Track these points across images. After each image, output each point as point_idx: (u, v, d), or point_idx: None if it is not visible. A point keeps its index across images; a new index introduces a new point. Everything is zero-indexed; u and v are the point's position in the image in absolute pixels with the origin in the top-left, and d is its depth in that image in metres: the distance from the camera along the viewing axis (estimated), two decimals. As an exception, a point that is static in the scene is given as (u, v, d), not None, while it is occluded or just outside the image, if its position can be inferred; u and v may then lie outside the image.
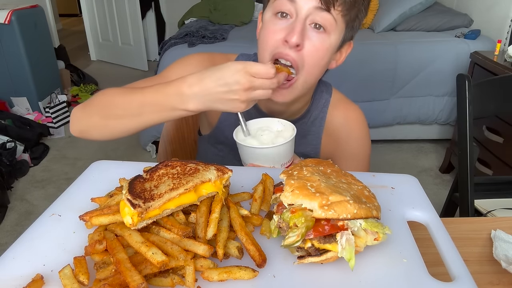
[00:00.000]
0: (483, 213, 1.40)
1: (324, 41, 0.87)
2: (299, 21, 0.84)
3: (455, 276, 0.55)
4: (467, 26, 3.22)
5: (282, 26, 0.87)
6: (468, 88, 1.29)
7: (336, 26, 0.86)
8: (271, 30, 0.88)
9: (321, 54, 0.88)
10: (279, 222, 0.58)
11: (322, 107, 1.08)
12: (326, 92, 1.09)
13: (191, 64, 1.04)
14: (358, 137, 1.09)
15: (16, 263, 0.55)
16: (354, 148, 1.09)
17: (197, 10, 3.93)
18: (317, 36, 0.86)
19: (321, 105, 1.08)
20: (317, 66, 0.90)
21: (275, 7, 0.87)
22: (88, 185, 0.74)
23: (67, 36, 6.99)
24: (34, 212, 2.52)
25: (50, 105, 3.56)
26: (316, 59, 0.88)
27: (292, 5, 0.85)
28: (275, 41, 0.88)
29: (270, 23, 0.89)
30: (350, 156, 1.10)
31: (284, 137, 0.92)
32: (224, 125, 1.08)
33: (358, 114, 1.10)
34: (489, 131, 2.36)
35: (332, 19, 0.85)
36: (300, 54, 0.87)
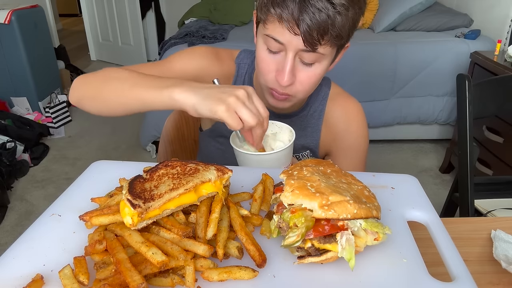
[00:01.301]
0: (483, 213, 1.40)
1: (316, 70, 0.89)
2: (288, 60, 0.86)
3: (455, 276, 0.55)
4: (467, 26, 3.22)
5: (274, 59, 0.89)
6: (468, 88, 1.29)
7: (325, 56, 0.88)
8: (265, 61, 0.90)
9: (313, 81, 0.92)
10: (279, 222, 0.58)
11: (321, 100, 1.10)
12: (325, 86, 1.11)
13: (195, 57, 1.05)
14: (357, 130, 1.11)
15: (16, 263, 0.55)
16: (353, 141, 1.11)
17: (197, 10, 3.93)
18: (309, 68, 0.89)
19: (320, 98, 1.10)
20: (313, 87, 0.94)
21: (265, 41, 0.88)
22: (88, 185, 0.74)
23: (67, 36, 6.99)
24: (34, 212, 2.52)
25: (50, 105, 3.56)
26: (311, 85, 0.92)
27: (280, 44, 0.86)
28: (269, 75, 0.91)
29: (263, 52, 0.90)
30: (348, 149, 1.11)
31: (282, 140, 0.92)
32: None
33: (357, 107, 1.11)
34: (489, 131, 2.36)
35: (320, 55, 0.86)
36: (293, 87, 0.91)
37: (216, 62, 1.06)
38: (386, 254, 0.58)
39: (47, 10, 4.61)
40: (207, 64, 1.05)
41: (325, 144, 1.13)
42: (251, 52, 1.11)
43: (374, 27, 3.43)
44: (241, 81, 1.09)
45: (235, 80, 1.09)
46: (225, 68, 1.08)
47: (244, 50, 1.12)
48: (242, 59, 1.10)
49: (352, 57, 2.96)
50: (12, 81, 3.50)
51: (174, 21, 4.74)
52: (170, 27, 5.42)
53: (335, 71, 1.03)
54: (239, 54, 1.11)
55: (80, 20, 6.20)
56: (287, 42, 0.84)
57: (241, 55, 1.11)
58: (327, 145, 1.13)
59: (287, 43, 0.84)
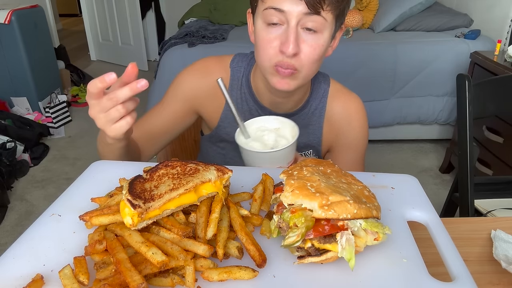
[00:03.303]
0: (483, 213, 1.40)
1: (319, 40, 0.89)
2: (291, 29, 0.86)
3: (455, 276, 0.55)
4: (467, 26, 3.22)
5: (276, 34, 0.88)
6: (468, 88, 1.29)
7: (327, 24, 0.87)
8: (266, 39, 0.89)
9: (317, 52, 0.90)
10: (279, 222, 0.58)
11: (321, 98, 1.10)
12: (324, 83, 1.11)
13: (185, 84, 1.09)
14: (358, 126, 1.11)
15: (16, 263, 0.55)
16: (354, 137, 1.12)
17: (197, 10, 3.93)
18: (311, 37, 0.88)
19: (320, 95, 1.10)
20: (316, 62, 0.92)
21: (264, 17, 0.88)
22: (88, 185, 0.74)
23: (67, 36, 6.99)
24: (34, 212, 2.52)
25: (50, 105, 3.56)
26: (314, 57, 0.90)
27: (281, 14, 0.85)
28: (272, 50, 0.89)
29: (263, 31, 0.90)
30: (349, 144, 1.12)
31: (284, 136, 0.91)
32: (225, 123, 1.10)
33: (358, 104, 1.12)
34: (489, 131, 2.36)
35: (322, 20, 0.86)
36: (298, 59, 0.89)
37: (203, 78, 1.08)
38: (386, 254, 0.58)
39: (47, 10, 4.61)
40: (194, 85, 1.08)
41: (327, 141, 1.13)
42: (246, 55, 1.12)
43: (374, 27, 3.43)
44: (237, 84, 1.09)
45: (230, 84, 1.09)
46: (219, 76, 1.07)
47: (238, 54, 1.12)
48: (238, 62, 1.10)
49: (352, 57, 2.96)
50: (12, 81, 3.50)
51: (174, 21, 4.74)
52: (170, 27, 5.43)
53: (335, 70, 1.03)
54: (233, 58, 1.11)
55: (80, 20, 6.20)
56: (289, 9, 0.84)
57: (235, 59, 1.11)
58: (330, 141, 1.13)
59: (289, 11, 0.84)
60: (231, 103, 0.89)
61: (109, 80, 0.67)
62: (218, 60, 1.11)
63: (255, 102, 1.07)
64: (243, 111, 1.08)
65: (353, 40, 3.15)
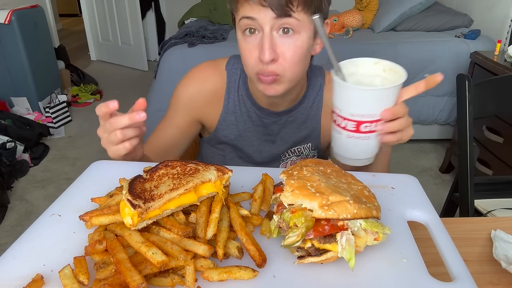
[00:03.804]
0: (483, 213, 1.40)
1: (296, 41, 0.88)
2: (265, 36, 0.86)
3: (455, 276, 0.55)
4: (467, 26, 3.22)
5: (253, 43, 0.89)
6: (468, 88, 1.29)
7: (302, 24, 0.87)
8: (246, 49, 0.91)
9: (297, 54, 0.89)
10: (279, 222, 0.58)
11: (318, 91, 1.10)
12: (320, 76, 1.11)
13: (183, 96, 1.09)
14: None
15: (16, 263, 0.55)
16: None
17: (197, 10, 3.93)
18: (288, 40, 0.88)
19: (316, 89, 1.10)
20: (298, 63, 0.92)
21: (240, 27, 0.90)
22: (88, 185, 0.74)
23: (67, 36, 6.99)
24: (34, 212, 2.52)
25: (50, 105, 3.56)
26: (295, 59, 0.90)
27: (254, 22, 0.86)
28: (252, 60, 0.90)
29: (242, 41, 0.91)
30: None
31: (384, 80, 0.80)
32: (222, 126, 1.11)
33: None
34: (489, 131, 2.36)
35: (295, 21, 0.85)
36: (278, 64, 0.89)
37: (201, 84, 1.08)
38: (386, 254, 0.58)
39: (47, 10, 4.61)
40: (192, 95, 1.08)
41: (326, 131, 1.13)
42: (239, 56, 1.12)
43: (374, 27, 3.43)
44: (234, 87, 1.09)
45: (227, 86, 1.09)
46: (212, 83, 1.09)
47: (234, 56, 1.11)
48: (233, 64, 1.10)
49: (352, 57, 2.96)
50: (12, 81, 3.50)
51: (174, 21, 4.74)
52: (170, 27, 5.43)
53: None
54: (228, 61, 1.11)
55: (80, 20, 6.20)
56: (259, 17, 0.85)
57: (231, 61, 1.11)
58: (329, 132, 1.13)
59: (260, 18, 0.85)
60: (327, 43, 0.76)
61: (112, 106, 0.76)
62: (213, 64, 1.11)
63: (253, 103, 1.08)
64: (241, 113, 1.09)
65: (353, 40, 3.15)
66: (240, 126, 1.11)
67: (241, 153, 1.14)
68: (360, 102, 0.73)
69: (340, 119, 0.75)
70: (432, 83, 0.75)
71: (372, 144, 0.78)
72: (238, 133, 1.11)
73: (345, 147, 0.79)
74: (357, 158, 0.80)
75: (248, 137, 1.12)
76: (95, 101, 4.30)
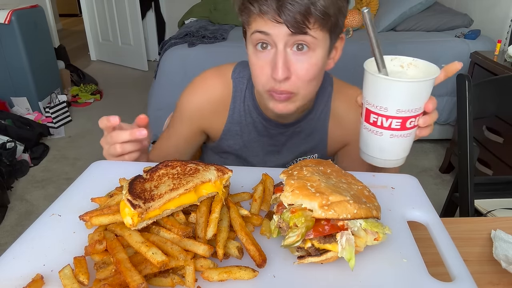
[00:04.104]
0: (483, 213, 1.40)
1: (311, 59, 0.85)
2: (279, 53, 0.83)
3: (455, 276, 0.55)
4: (467, 26, 3.22)
5: (266, 59, 0.85)
6: (468, 88, 1.29)
7: (317, 41, 0.83)
8: (257, 65, 0.88)
9: (312, 72, 0.86)
10: (279, 222, 0.58)
11: (326, 101, 1.07)
12: (328, 85, 1.08)
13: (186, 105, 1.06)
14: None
15: (16, 263, 0.55)
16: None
17: (197, 10, 3.93)
18: (303, 58, 0.84)
19: (325, 98, 1.07)
20: (312, 81, 0.89)
21: (252, 41, 0.86)
22: (88, 185, 0.74)
23: (67, 36, 7.00)
24: (34, 212, 2.52)
25: (50, 105, 3.56)
26: (309, 77, 0.87)
27: (267, 37, 0.83)
28: (264, 77, 0.87)
29: (253, 57, 0.88)
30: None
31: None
32: (227, 136, 1.08)
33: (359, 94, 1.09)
34: (489, 131, 2.36)
35: (311, 38, 0.82)
36: (292, 82, 0.86)
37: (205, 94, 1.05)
38: (386, 254, 0.58)
39: (47, 10, 4.61)
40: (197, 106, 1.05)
41: (335, 141, 1.10)
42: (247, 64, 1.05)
43: (374, 27, 3.43)
44: (240, 97, 1.05)
45: (233, 96, 1.05)
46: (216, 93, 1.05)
47: (240, 63, 1.07)
48: (239, 73, 1.06)
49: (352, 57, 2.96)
50: (12, 81, 3.50)
51: (174, 21, 4.74)
52: (170, 27, 5.43)
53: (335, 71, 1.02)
54: (234, 69, 1.06)
55: (80, 20, 6.20)
56: (273, 32, 0.81)
57: (237, 69, 1.06)
58: (338, 141, 1.10)
59: (274, 34, 0.81)
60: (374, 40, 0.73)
61: (113, 121, 0.79)
62: (218, 73, 1.07)
63: (259, 114, 1.04)
64: (246, 123, 1.06)
65: (353, 40, 3.15)
66: (245, 137, 1.08)
67: (245, 163, 1.12)
68: (409, 96, 0.71)
69: (383, 119, 0.73)
70: (452, 70, 0.75)
71: (411, 140, 0.77)
72: (243, 144, 1.09)
73: (386, 148, 0.76)
74: (397, 158, 0.78)
75: (253, 147, 1.09)
76: (95, 101, 4.31)
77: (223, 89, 1.05)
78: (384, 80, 0.71)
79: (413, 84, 0.71)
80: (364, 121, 0.77)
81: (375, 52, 0.74)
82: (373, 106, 0.74)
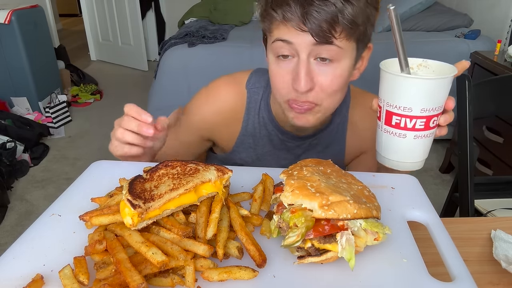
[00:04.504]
0: (483, 213, 1.40)
1: (336, 70, 0.80)
2: (302, 63, 0.78)
3: (455, 276, 0.55)
4: (467, 26, 3.22)
5: (287, 68, 0.81)
6: (468, 88, 1.29)
7: (343, 51, 0.79)
8: (278, 74, 0.83)
9: (336, 83, 0.82)
10: (279, 222, 0.58)
11: (344, 111, 1.03)
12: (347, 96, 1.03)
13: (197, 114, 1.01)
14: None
15: (16, 263, 0.55)
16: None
17: (197, 10, 3.93)
18: (327, 68, 0.80)
19: (344, 109, 1.03)
20: (336, 93, 0.84)
21: (274, 50, 0.82)
22: (88, 185, 0.74)
23: (67, 36, 7.00)
24: (34, 212, 2.52)
25: (50, 105, 3.56)
26: (334, 89, 0.82)
27: (290, 46, 0.78)
28: (285, 86, 0.83)
29: (274, 65, 0.83)
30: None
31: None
32: (240, 149, 1.05)
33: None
34: (489, 131, 2.36)
35: (337, 48, 0.77)
36: (314, 93, 0.82)
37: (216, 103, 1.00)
38: (386, 254, 0.58)
39: (47, 10, 4.61)
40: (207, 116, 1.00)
41: (351, 151, 1.06)
42: (263, 73, 1.01)
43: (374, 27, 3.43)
44: (255, 109, 1.00)
45: (247, 107, 1.00)
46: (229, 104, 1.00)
47: (256, 71, 1.01)
48: (254, 83, 1.00)
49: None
50: (12, 81, 3.51)
51: (174, 21, 4.75)
52: (170, 27, 5.43)
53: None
54: (249, 78, 1.01)
55: (80, 20, 6.20)
56: (296, 41, 0.77)
57: (252, 78, 1.00)
58: (355, 151, 1.06)
59: (297, 43, 0.77)
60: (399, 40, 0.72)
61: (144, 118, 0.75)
62: (232, 82, 1.01)
63: (275, 126, 1.00)
64: (261, 136, 1.02)
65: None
66: (258, 150, 1.03)
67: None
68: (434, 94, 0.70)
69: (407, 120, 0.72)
70: (462, 68, 0.75)
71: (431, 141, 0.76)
72: (256, 157, 1.04)
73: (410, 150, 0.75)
74: (419, 160, 0.77)
75: (267, 160, 1.05)
76: (95, 101, 4.31)
77: (236, 100, 1.00)
78: (408, 79, 0.70)
79: (437, 81, 0.70)
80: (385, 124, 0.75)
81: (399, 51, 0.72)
82: (395, 108, 0.72)
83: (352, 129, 1.04)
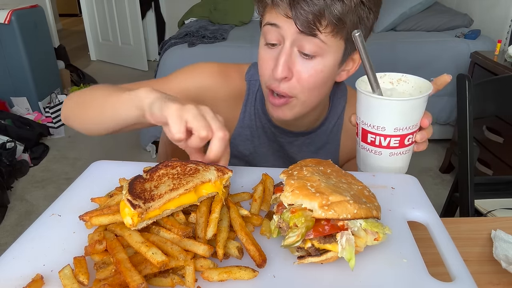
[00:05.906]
0: (483, 213, 1.40)
1: (317, 65, 0.81)
2: (284, 51, 0.80)
3: (455, 276, 0.55)
4: (467, 26, 3.22)
5: (272, 55, 0.83)
6: (468, 88, 1.29)
7: (327, 47, 0.79)
8: (264, 59, 0.85)
9: (315, 78, 0.82)
10: (279, 222, 0.58)
11: (340, 113, 1.03)
12: (343, 96, 1.03)
13: (196, 74, 0.98)
14: None
15: (16, 263, 0.55)
16: None
17: (197, 10, 3.93)
18: (307, 63, 0.81)
19: (339, 112, 1.03)
20: (314, 89, 0.85)
21: (264, 35, 0.84)
22: (88, 185, 0.74)
23: (67, 36, 7.00)
24: (34, 212, 2.52)
25: (50, 105, 3.56)
26: (311, 83, 0.83)
27: (277, 30, 0.80)
28: (266, 72, 0.85)
29: (262, 50, 0.86)
30: None
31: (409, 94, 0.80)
32: (237, 141, 1.05)
33: None
34: (489, 131, 2.36)
35: (320, 43, 0.78)
36: (290, 84, 0.83)
37: (222, 80, 0.98)
38: (386, 254, 0.58)
39: (47, 10, 4.61)
40: (210, 83, 0.97)
41: (346, 153, 1.07)
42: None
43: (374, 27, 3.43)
44: (252, 100, 1.01)
45: (246, 99, 1.01)
46: (234, 87, 1.00)
47: (254, 64, 1.02)
48: (253, 74, 1.01)
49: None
50: (12, 81, 3.51)
51: (174, 21, 4.75)
52: (170, 27, 5.43)
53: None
54: (248, 69, 1.02)
55: (80, 20, 6.20)
56: (283, 25, 0.78)
57: (251, 70, 1.02)
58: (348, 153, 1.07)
59: (283, 27, 0.78)
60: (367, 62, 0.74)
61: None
62: (238, 68, 1.03)
63: (268, 120, 1.01)
64: (256, 127, 1.02)
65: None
66: (255, 141, 1.04)
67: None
68: (406, 114, 0.72)
69: (381, 139, 0.73)
70: (442, 83, 0.75)
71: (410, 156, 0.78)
72: (254, 149, 1.05)
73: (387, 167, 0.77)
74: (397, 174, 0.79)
75: (263, 152, 1.06)
76: (95, 101, 4.30)
77: (240, 87, 1.01)
78: (380, 100, 0.72)
79: (409, 102, 0.72)
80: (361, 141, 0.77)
81: (369, 74, 0.74)
82: (369, 126, 0.74)
83: (346, 132, 1.05)
